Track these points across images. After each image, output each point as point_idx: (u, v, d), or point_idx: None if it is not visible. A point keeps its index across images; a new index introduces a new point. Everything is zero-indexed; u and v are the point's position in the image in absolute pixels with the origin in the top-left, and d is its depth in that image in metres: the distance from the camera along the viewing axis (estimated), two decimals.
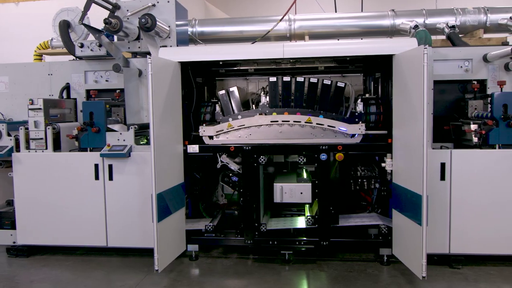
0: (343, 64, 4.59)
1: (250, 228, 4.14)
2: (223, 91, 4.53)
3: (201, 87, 5.20)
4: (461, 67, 4.43)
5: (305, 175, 4.38)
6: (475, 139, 4.00)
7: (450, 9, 5.87)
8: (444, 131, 4.40)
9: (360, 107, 4.06)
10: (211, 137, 4.20)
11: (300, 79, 4.09)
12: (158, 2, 4.62)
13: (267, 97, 4.15)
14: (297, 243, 4.09)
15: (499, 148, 3.88)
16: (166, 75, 3.78)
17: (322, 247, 4.06)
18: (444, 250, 3.93)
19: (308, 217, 4.16)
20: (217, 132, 4.14)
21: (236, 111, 4.35)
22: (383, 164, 3.92)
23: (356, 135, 4.01)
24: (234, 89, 4.48)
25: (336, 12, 7.85)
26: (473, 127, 3.97)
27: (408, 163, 3.58)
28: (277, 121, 4.04)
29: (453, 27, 5.55)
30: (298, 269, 3.98)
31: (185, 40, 5.05)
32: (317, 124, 4.01)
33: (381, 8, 6.22)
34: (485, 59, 4.35)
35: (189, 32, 6.10)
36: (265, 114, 4.12)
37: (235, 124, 4.09)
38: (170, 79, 3.84)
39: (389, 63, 3.92)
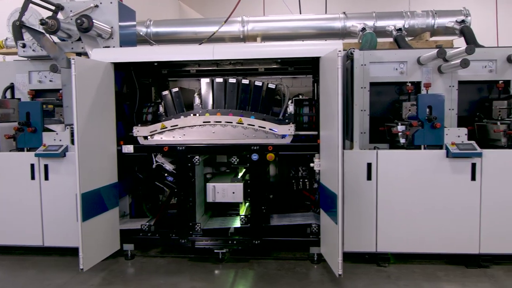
0: (284, 66, 4.67)
1: (185, 227, 4.19)
2: (166, 92, 4.59)
3: (148, 87, 5.25)
4: (397, 69, 4.51)
5: (240, 175, 4.44)
6: (402, 140, 4.08)
7: (399, 12, 5.97)
8: (381, 132, 4.48)
9: (291, 108, 4.13)
10: (146, 138, 4.24)
11: (232, 80, 4.16)
12: (101, 3, 4.65)
13: (201, 98, 4.21)
14: (229, 242, 4.15)
15: (425, 148, 3.97)
16: (95, 76, 3.82)
17: (254, 246, 4.11)
18: (371, 249, 4.00)
19: (242, 216, 4.22)
20: (150, 132, 4.18)
21: (178, 112, 4.41)
22: (311, 164, 3.99)
23: (286, 136, 4.07)
24: (176, 89, 4.53)
25: (300, 13, 7.98)
26: (400, 128, 4.06)
27: (330, 163, 3.65)
28: (209, 122, 4.10)
29: (399, 29, 5.66)
30: (229, 268, 4.04)
31: (132, 41, 5.09)
32: (248, 124, 4.07)
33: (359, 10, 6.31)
34: (419, 61, 4.44)
35: (143, 33, 6.15)
36: (199, 115, 4.17)
37: (168, 124, 4.15)
38: (100, 79, 3.87)
39: None
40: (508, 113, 4.25)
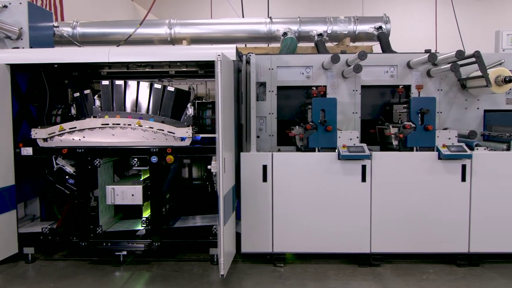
0: (195, 69, 4.72)
1: (85, 230, 4.17)
2: (77, 94, 4.58)
3: (65, 89, 5.19)
4: (303, 73, 4.63)
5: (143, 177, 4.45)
6: (299, 143, 4.19)
7: (323, 17, 6.10)
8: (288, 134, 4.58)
9: (190, 111, 4.17)
10: (46, 140, 4.20)
11: (132, 82, 4.17)
12: (10, 4, 4.61)
13: (101, 100, 4.21)
14: (129, 244, 4.15)
15: (319, 151, 4.07)
16: None
17: (154, 248, 4.13)
18: (267, 249, 4.08)
19: (143, 219, 4.24)
20: (49, 134, 4.15)
21: (89, 114, 4.38)
22: (209, 167, 4.02)
23: (185, 138, 4.11)
24: (88, 91, 4.53)
25: (243, 17, 8.06)
26: (297, 131, 4.16)
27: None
28: (108, 124, 4.10)
29: (320, 35, 5.81)
30: (127, 270, 4.04)
31: (47, 42, 5.06)
32: (148, 127, 4.09)
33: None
34: (323, 66, 4.56)
35: (67, 34, 6.10)
36: (98, 117, 4.17)
37: (66, 126, 4.13)
38: None
39: None
40: (408, 117, 4.41)
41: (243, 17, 8.11)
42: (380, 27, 5.79)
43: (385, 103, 4.67)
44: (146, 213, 4.39)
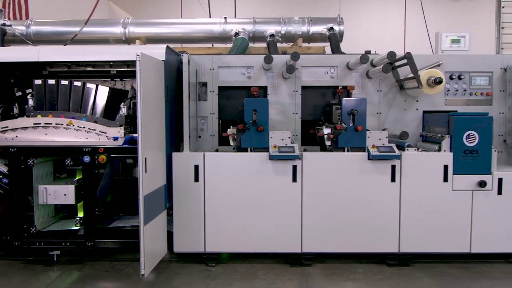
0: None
1: (19, 229, 4.16)
2: (19, 93, 4.58)
3: (11, 87, 5.16)
4: (244, 74, 4.64)
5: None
6: (232, 143, 4.20)
7: (277, 18, 6.10)
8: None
9: (123, 111, 4.17)
10: None
11: (64, 82, 4.17)
12: None
13: (34, 99, 4.20)
14: (62, 244, 4.14)
15: (251, 151, 4.09)
16: None
17: (88, 248, 4.12)
18: (200, 249, 4.09)
19: (77, 218, 4.24)
20: None
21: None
22: None
23: (118, 138, 4.11)
24: (30, 91, 4.51)
25: (210, 17, 8.07)
26: (230, 131, 4.17)
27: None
28: (40, 124, 4.09)
29: (272, 35, 5.82)
30: (58, 270, 4.04)
31: None
32: (78, 126, 4.08)
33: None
34: (263, 67, 4.58)
35: (20, 33, 6.07)
36: (31, 116, 4.16)
37: None
38: None
39: None
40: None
41: (210, 17, 8.14)
42: (332, 28, 5.80)
43: (326, 103, 4.69)
44: (82, 213, 4.39)
